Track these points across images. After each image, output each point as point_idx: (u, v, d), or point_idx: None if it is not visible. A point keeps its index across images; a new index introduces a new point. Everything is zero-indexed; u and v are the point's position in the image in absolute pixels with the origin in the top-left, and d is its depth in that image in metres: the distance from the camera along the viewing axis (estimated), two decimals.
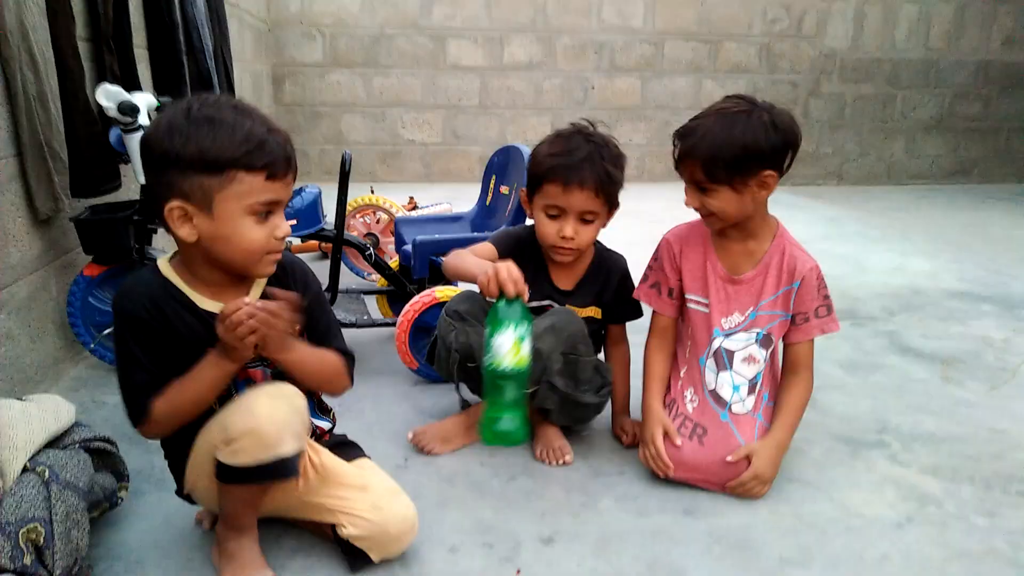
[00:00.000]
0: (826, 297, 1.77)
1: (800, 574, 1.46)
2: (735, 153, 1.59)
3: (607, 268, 1.94)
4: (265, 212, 1.26)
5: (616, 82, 6.49)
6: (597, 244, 1.96)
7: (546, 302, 1.89)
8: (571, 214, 1.78)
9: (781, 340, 1.80)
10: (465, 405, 1.94)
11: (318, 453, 1.48)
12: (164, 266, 1.34)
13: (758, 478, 1.68)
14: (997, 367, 2.55)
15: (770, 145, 1.60)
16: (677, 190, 1.81)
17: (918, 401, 2.27)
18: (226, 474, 1.28)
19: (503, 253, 1.86)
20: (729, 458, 1.69)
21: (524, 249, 1.90)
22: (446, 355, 1.82)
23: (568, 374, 1.78)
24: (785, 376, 1.82)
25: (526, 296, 1.50)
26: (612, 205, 1.83)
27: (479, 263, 1.64)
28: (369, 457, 1.57)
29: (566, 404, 1.81)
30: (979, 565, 1.49)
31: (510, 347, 1.44)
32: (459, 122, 6.47)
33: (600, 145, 1.79)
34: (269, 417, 1.24)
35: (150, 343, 1.29)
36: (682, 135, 1.68)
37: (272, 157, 1.22)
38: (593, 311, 1.94)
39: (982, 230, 4.96)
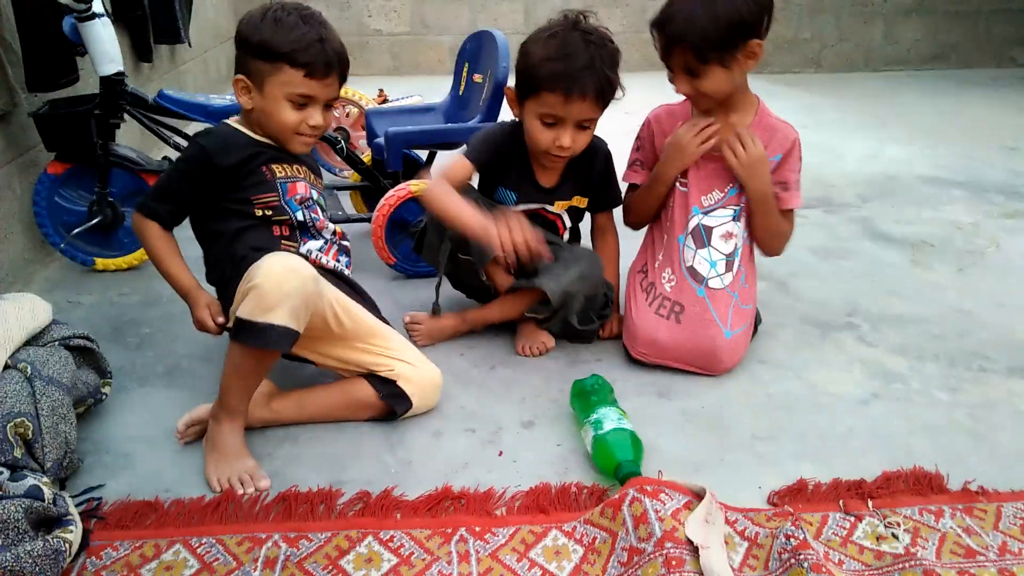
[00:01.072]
0: (799, 170, 1.81)
1: (769, 448, 1.52)
2: (722, 31, 1.58)
3: (590, 153, 1.88)
4: (301, 102, 1.54)
5: None
6: None
7: (535, 205, 1.88)
8: (569, 123, 1.71)
9: None
10: (436, 310, 1.92)
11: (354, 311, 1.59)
12: (233, 122, 1.63)
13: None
14: (965, 250, 2.60)
15: (751, 14, 1.60)
16: (654, 79, 1.78)
17: (888, 285, 2.32)
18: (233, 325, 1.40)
19: (483, 163, 1.82)
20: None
21: (505, 150, 1.84)
22: (438, 243, 1.81)
23: (583, 310, 1.83)
24: None
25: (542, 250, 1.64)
26: (606, 107, 1.78)
27: (472, 215, 1.65)
28: None
29: (569, 329, 1.85)
30: (940, 436, 1.56)
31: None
32: (428, 10, 6.23)
33: (599, 46, 1.70)
34: (277, 283, 1.34)
35: (201, 184, 1.55)
36: (662, 24, 1.63)
37: (312, 59, 1.50)
38: (578, 200, 1.93)
39: (958, 116, 4.94)
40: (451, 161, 1.80)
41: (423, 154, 2.62)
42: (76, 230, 2.21)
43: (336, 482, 1.40)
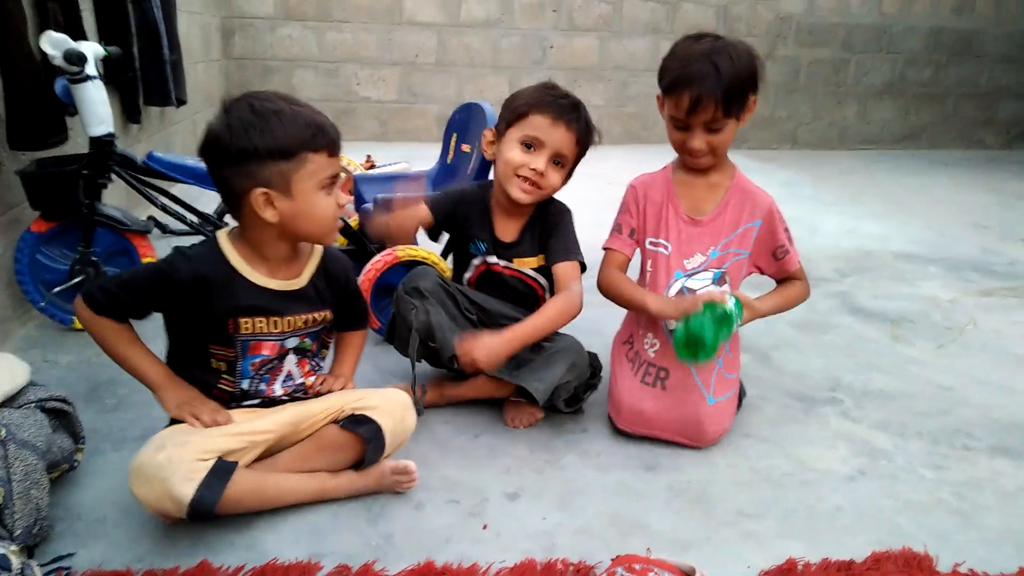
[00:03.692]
0: (787, 229, 1.86)
1: (756, 526, 1.50)
2: (743, 85, 1.68)
3: (551, 213, 1.89)
4: (330, 185, 1.43)
5: (574, 42, 6.44)
6: None
7: (493, 259, 1.89)
8: (547, 151, 1.76)
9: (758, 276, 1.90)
10: (419, 411, 1.75)
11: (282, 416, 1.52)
12: (224, 241, 1.46)
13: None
14: (944, 326, 2.64)
15: (756, 69, 1.72)
16: (635, 151, 1.83)
17: (869, 359, 2.33)
18: None
19: (440, 210, 1.87)
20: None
21: (469, 202, 1.89)
22: (406, 334, 1.78)
23: (571, 398, 1.83)
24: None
25: None
26: (578, 161, 1.85)
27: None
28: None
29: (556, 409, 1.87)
30: (926, 515, 1.56)
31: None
32: (415, 80, 6.36)
33: (582, 104, 1.83)
34: (154, 507, 1.34)
35: (164, 299, 1.43)
36: (687, 82, 1.67)
37: (331, 137, 1.40)
38: (539, 260, 1.91)
39: (930, 194, 5.08)
40: (413, 203, 1.87)
41: None
42: (57, 288, 2.18)
43: (315, 555, 1.36)
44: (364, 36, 6.17)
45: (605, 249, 1.90)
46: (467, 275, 1.95)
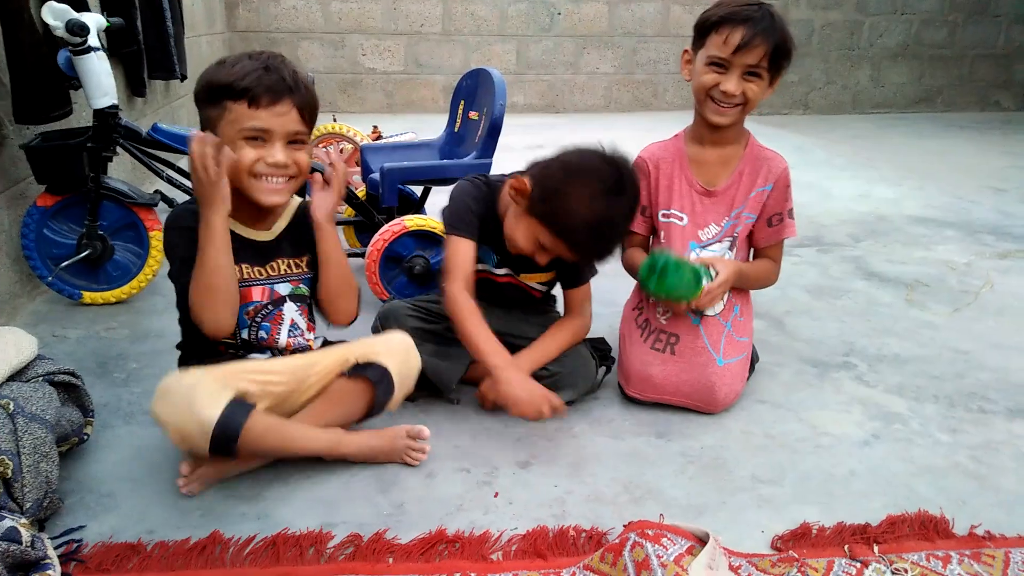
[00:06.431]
0: (791, 198, 1.83)
1: (772, 491, 1.49)
2: (788, 44, 1.69)
3: None
4: (257, 138, 1.39)
5: (583, 7, 6.34)
6: None
7: (502, 271, 1.82)
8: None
9: (750, 245, 1.87)
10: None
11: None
12: None
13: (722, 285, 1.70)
14: (959, 290, 2.60)
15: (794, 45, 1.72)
16: (645, 119, 1.80)
17: (883, 324, 2.31)
18: None
19: (477, 233, 1.74)
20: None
21: (482, 208, 1.76)
22: None
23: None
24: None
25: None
26: None
27: (492, 352, 1.63)
28: None
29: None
30: (943, 479, 1.54)
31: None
32: (421, 49, 6.29)
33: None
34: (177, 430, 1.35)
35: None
36: (745, 19, 1.65)
37: (251, 85, 1.36)
38: (549, 275, 1.85)
39: (945, 158, 5.01)
40: (455, 251, 1.70)
41: (417, 190, 2.61)
42: (65, 263, 2.17)
43: (326, 524, 1.36)
44: (369, 6, 6.10)
45: None
46: None
